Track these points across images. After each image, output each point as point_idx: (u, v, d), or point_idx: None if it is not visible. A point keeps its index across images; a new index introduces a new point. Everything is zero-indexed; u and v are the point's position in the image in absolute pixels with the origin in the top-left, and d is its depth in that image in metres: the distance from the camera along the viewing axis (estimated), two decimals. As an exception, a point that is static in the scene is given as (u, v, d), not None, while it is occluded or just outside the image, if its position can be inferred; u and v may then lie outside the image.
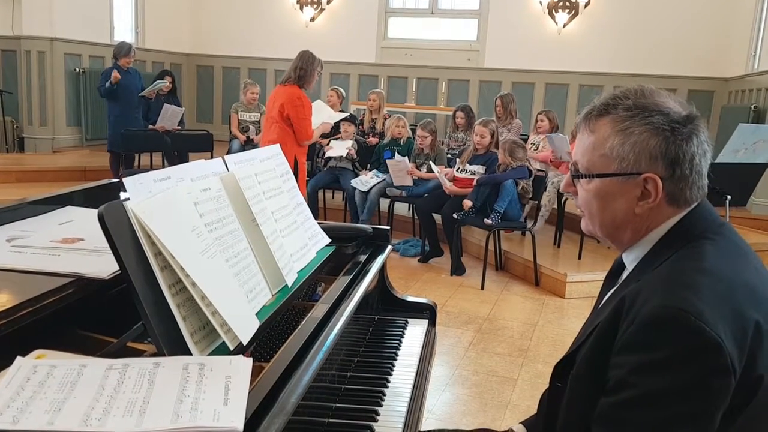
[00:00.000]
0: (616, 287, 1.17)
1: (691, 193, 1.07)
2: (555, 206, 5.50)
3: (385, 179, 5.66)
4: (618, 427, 0.97)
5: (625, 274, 1.17)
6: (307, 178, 5.73)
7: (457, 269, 4.92)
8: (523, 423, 1.41)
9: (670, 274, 1.01)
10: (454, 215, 4.87)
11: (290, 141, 4.50)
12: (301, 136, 4.57)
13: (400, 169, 5.47)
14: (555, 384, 1.18)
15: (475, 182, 4.91)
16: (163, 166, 2.55)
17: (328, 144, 6.00)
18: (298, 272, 1.46)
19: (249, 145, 6.56)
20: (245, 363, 0.99)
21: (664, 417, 0.92)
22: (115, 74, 6.17)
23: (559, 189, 5.35)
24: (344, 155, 5.90)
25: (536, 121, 6.08)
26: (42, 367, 0.95)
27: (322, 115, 4.94)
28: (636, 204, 1.08)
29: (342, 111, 6.40)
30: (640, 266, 1.11)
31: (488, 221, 4.68)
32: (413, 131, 5.92)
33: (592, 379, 1.04)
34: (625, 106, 1.07)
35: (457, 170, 5.22)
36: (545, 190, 5.27)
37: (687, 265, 1.02)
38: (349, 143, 5.91)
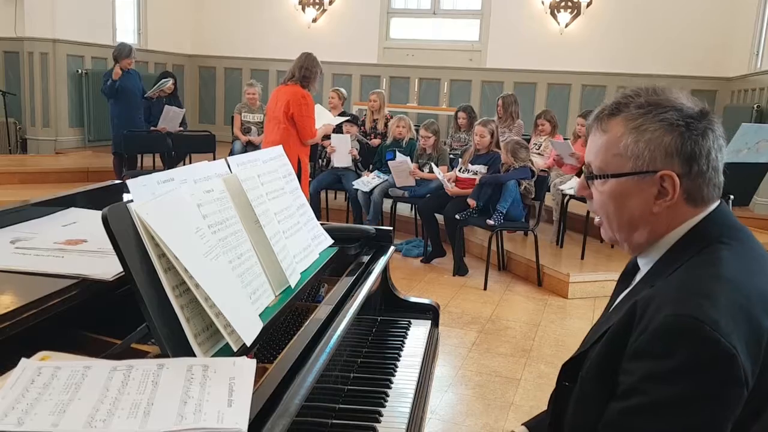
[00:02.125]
0: (629, 290, 1.15)
1: (708, 191, 1.05)
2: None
3: (387, 180, 5.65)
4: None
5: (639, 277, 1.14)
6: (310, 179, 5.72)
7: (460, 269, 4.92)
8: (526, 424, 1.40)
9: (685, 281, 0.98)
10: (457, 215, 4.86)
11: (293, 141, 4.48)
12: (304, 134, 4.55)
13: (402, 170, 5.46)
14: (562, 383, 1.17)
15: (477, 182, 4.91)
16: (164, 168, 2.54)
17: (328, 139, 5.96)
18: (301, 273, 1.47)
19: (250, 146, 6.56)
20: (249, 364, 0.99)
21: (672, 426, 0.91)
22: (116, 69, 6.16)
23: (561, 189, 5.34)
24: (349, 164, 5.89)
25: (536, 125, 6.08)
26: (46, 369, 0.96)
27: (323, 119, 4.94)
28: (653, 203, 1.05)
29: (344, 112, 6.39)
30: (653, 270, 1.08)
31: (491, 221, 4.68)
32: (417, 131, 5.91)
33: (601, 381, 1.02)
34: (637, 104, 1.05)
35: (459, 170, 5.22)
36: (548, 191, 5.26)
37: (702, 272, 0.99)
38: (349, 140, 5.88)
